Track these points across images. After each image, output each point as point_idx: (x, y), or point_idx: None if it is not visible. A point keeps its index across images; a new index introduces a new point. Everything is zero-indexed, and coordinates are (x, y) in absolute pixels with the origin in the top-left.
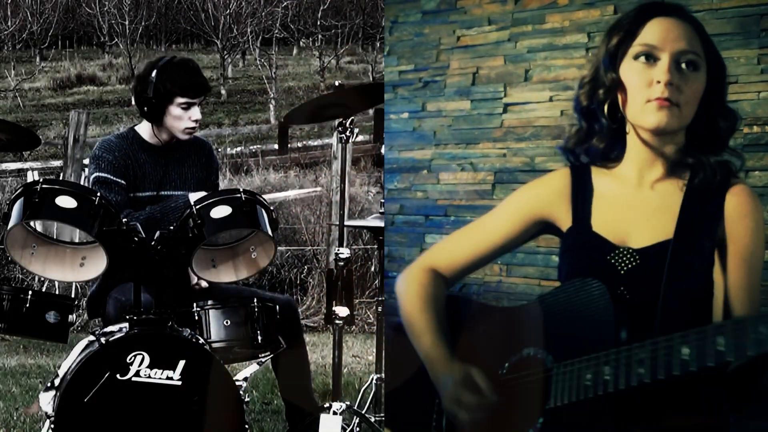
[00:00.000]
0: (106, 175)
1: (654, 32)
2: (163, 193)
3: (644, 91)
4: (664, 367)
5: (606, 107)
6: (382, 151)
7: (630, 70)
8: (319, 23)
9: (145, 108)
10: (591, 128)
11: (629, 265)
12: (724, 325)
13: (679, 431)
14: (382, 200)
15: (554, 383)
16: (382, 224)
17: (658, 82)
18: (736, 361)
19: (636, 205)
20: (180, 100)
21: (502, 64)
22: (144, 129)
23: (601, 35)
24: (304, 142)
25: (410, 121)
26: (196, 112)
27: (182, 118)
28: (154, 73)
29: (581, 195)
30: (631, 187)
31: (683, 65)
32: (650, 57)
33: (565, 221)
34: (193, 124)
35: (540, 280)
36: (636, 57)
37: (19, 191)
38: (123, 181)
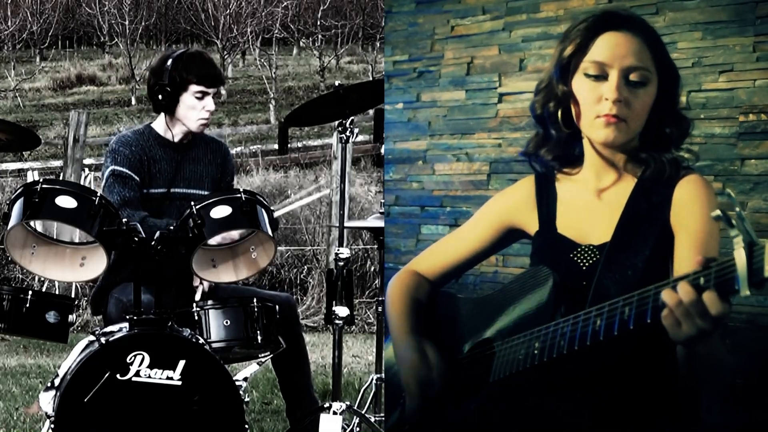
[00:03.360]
0: (122, 169)
1: (604, 48)
2: (174, 190)
3: (594, 107)
4: (579, 339)
5: (559, 116)
6: (382, 151)
7: (581, 86)
8: (319, 23)
9: (160, 97)
10: (547, 134)
11: (590, 261)
12: (630, 296)
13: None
14: (383, 200)
15: (496, 359)
16: (381, 224)
17: (607, 99)
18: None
19: (596, 206)
20: (195, 88)
21: (497, 54)
22: (159, 124)
23: None
24: (304, 142)
25: (405, 111)
26: (210, 103)
27: (196, 108)
28: (169, 62)
29: (546, 201)
30: (591, 189)
31: (632, 81)
32: (600, 74)
33: (532, 226)
34: (206, 115)
35: None
36: (586, 73)
37: (19, 191)
38: (137, 178)
